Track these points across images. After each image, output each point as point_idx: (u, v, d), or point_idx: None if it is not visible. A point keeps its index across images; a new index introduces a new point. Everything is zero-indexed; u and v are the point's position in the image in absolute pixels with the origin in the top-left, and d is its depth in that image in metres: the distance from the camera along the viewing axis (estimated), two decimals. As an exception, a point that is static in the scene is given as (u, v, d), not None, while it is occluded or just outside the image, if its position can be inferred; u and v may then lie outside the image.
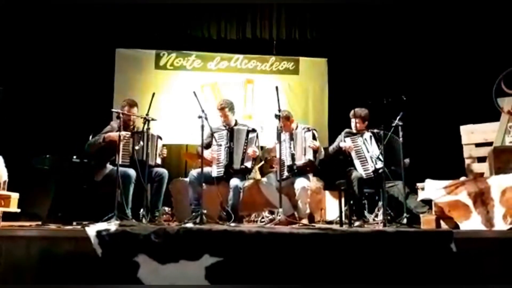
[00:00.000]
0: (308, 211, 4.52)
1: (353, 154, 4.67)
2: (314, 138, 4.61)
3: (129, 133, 4.32)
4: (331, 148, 4.92)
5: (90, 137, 4.44)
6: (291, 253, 2.70)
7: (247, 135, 4.65)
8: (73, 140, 4.96)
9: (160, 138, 4.62)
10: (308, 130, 4.66)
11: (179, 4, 6.45)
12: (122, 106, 4.50)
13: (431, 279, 2.71)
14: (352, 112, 4.78)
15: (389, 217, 4.07)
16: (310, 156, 4.53)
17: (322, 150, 4.80)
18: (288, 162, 4.56)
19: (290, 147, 4.60)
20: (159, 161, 4.53)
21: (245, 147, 4.61)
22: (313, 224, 4.42)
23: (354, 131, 4.82)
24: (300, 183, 4.44)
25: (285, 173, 4.54)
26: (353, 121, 4.80)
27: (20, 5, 5.95)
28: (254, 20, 6.93)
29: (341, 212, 4.14)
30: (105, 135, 4.29)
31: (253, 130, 4.74)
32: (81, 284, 2.62)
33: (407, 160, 4.30)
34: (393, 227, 3.75)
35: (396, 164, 4.33)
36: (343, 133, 4.86)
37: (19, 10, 5.98)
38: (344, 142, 4.75)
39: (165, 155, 4.64)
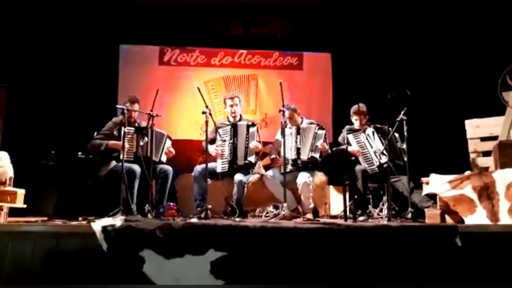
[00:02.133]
0: (312, 205, 4.52)
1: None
2: (325, 138, 4.62)
3: (132, 128, 4.33)
4: (336, 149, 4.90)
5: (95, 134, 4.45)
6: (296, 248, 2.71)
7: (248, 130, 4.66)
8: (78, 136, 4.98)
9: (170, 138, 4.63)
10: (322, 128, 4.65)
11: (182, 0, 6.44)
12: (124, 103, 4.51)
13: (436, 273, 2.70)
14: (355, 108, 4.77)
15: (393, 212, 4.08)
16: (316, 154, 4.53)
17: (329, 150, 4.79)
18: (293, 156, 4.56)
19: (296, 141, 4.59)
20: (163, 158, 4.53)
21: (247, 142, 4.62)
22: (317, 219, 4.42)
23: (356, 127, 4.82)
24: (302, 178, 4.43)
25: (289, 167, 4.53)
26: (356, 117, 4.80)
27: (23, 2, 5.96)
28: (258, 15, 6.91)
29: (345, 206, 4.14)
30: (109, 143, 4.32)
31: (253, 124, 4.75)
32: (87, 279, 2.64)
33: (403, 145, 4.34)
34: (397, 222, 3.76)
35: (397, 156, 4.36)
36: (345, 131, 4.86)
37: (22, 7, 5.99)
38: (347, 139, 4.75)
39: (173, 154, 4.65)
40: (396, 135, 4.45)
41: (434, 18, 6.29)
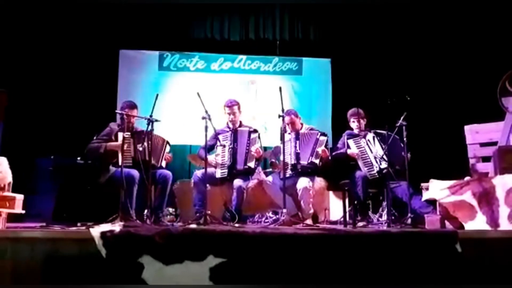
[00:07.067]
0: (311, 211, 4.51)
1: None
2: (326, 145, 4.62)
3: (129, 133, 4.30)
4: (336, 153, 4.89)
5: (94, 137, 4.44)
6: (295, 253, 2.69)
7: (249, 136, 4.66)
8: (77, 142, 4.96)
9: (169, 143, 4.62)
10: (324, 134, 4.67)
11: (182, 5, 6.46)
12: (122, 108, 4.50)
13: (436, 279, 2.69)
14: (353, 110, 4.76)
15: (393, 218, 4.06)
16: (316, 160, 4.53)
17: (329, 157, 4.78)
18: (292, 161, 4.55)
19: (295, 146, 4.59)
20: (163, 164, 4.52)
21: (247, 148, 4.62)
22: (317, 225, 4.41)
23: (355, 132, 4.82)
24: (302, 183, 4.43)
25: (289, 172, 4.53)
26: (353, 119, 4.78)
27: (23, 6, 5.97)
28: (257, 20, 6.94)
29: (345, 212, 4.13)
30: (107, 145, 4.28)
31: (255, 131, 4.75)
32: (86, 285, 2.63)
33: (408, 154, 4.31)
34: (397, 228, 3.74)
35: (399, 162, 4.33)
36: (345, 136, 4.84)
37: (22, 11, 6.00)
38: (347, 143, 4.74)
39: (170, 161, 4.63)
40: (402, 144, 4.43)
41: (434, 23, 6.32)
